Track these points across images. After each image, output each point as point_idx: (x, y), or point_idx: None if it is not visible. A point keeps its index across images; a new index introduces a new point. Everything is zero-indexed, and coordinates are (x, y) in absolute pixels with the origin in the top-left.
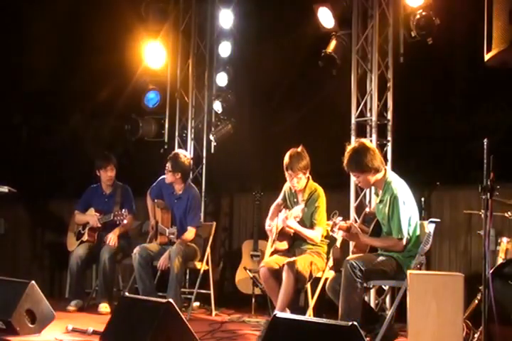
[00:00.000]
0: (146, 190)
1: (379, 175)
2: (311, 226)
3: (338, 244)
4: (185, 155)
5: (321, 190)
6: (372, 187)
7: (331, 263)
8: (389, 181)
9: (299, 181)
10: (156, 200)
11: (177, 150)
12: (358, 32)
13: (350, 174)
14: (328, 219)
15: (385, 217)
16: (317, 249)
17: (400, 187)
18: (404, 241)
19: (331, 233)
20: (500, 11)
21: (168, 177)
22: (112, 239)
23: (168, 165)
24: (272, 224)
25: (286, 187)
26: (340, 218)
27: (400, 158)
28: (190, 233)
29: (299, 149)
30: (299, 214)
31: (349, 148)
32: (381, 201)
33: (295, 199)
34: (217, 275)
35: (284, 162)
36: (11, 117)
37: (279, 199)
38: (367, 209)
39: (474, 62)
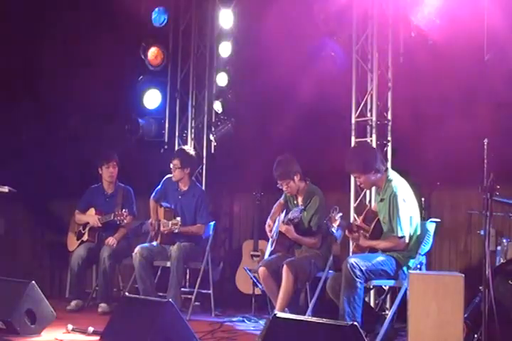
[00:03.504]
0: (146, 190)
1: (380, 175)
2: (309, 229)
3: (338, 241)
4: (191, 149)
5: (319, 194)
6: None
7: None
8: (389, 179)
9: (289, 187)
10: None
11: (181, 146)
12: (358, 32)
13: (351, 175)
14: (328, 214)
15: (386, 216)
16: (317, 249)
17: (400, 186)
18: (406, 239)
19: (330, 229)
20: (499, 10)
21: (176, 174)
22: (111, 240)
23: (177, 162)
24: (274, 225)
25: None
26: (341, 214)
27: (399, 158)
28: (199, 228)
29: (284, 156)
30: (297, 215)
31: (350, 150)
32: (382, 200)
33: (295, 202)
34: (217, 275)
35: (273, 171)
36: (11, 117)
37: (281, 199)
38: (369, 206)
39: (474, 62)
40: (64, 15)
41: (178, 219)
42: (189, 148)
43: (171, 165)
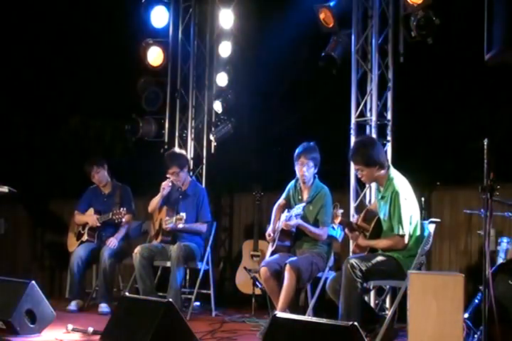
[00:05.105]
0: (146, 190)
1: (382, 171)
2: (315, 223)
3: (339, 240)
4: (176, 149)
5: (326, 190)
6: (373, 185)
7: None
8: (391, 177)
9: (308, 169)
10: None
11: (168, 152)
12: (358, 32)
13: (352, 168)
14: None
15: (386, 214)
16: (318, 249)
17: (402, 184)
18: (406, 238)
19: (331, 224)
20: (500, 10)
21: (179, 179)
22: (112, 241)
23: (175, 169)
24: (277, 226)
25: (290, 184)
26: (342, 210)
27: (400, 158)
28: (202, 226)
29: (312, 143)
30: (299, 211)
31: (356, 141)
32: (382, 197)
33: (299, 197)
34: (217, 275)
35: (296, 152)
36: (11, 117)
37: (280, 200)
38: (369, 205)
39: (474, 62)
40: (64, 14)
41: (183, 214)
42: (176, 149)
43: (170, 173)
